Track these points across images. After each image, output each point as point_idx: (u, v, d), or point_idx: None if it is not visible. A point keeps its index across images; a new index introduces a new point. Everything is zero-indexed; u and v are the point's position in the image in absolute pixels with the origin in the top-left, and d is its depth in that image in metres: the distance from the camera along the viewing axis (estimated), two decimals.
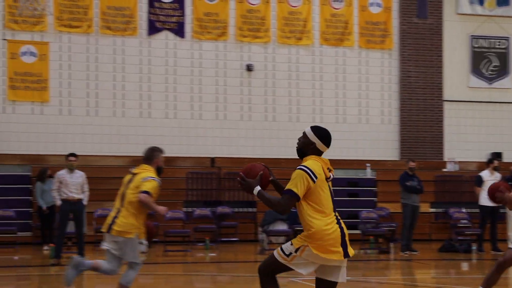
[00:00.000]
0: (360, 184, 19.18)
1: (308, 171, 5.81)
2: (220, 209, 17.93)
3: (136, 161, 18.11)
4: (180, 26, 18.90)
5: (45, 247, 15.76)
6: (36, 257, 14.97)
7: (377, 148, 19.91)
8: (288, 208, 5.90)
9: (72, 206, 13.44)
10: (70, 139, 17.87)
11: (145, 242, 8.02)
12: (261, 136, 19.27)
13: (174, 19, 18.87)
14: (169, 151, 18.56)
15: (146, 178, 7.95)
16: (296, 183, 5.79)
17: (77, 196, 13.47)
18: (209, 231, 17.19)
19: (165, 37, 18.85)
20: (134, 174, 8.04)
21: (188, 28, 18.98)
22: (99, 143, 18.17)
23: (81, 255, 13.31)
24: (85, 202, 13.65)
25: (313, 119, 19.45)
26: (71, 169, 13.51)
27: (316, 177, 5.79)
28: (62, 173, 13.54)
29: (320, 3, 19.75)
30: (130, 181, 8.00)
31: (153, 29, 18.72)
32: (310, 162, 5.91)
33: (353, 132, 19.78)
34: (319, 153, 6.01)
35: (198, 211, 17.63)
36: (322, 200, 5.81)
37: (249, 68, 19.22)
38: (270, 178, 6.23)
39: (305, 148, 6.05)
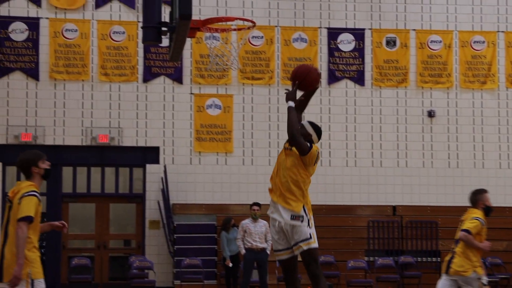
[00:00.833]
0: None
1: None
2: (403, 259, 17.56)
3: (316, 210, 18.18)
4: (360, 74, 18.95)
5: None
6: None
7: None
8: (299, 143, 6.73)
9: (256, 255, 13.67)
10: (253, 188, 18.25)
11: (485, 277, 8.58)
12: (444, 183, 18.75)
13: (354, 68, 18.95)
14: (350, 200, 18.54)
15: (476, 218, 8.68)
16: (313, 146, 6.84)
17: (261, 245, 13.70)
18: (392, 281, 16.86)
19: (345, 86, 18.95)
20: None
21: (368, 76, 18.99)
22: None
23: None
24: (268, 251, 13.84)
25: (499, 165, 18.74)
26: (255, 218, 13.78)
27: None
28: (246, 222, 13.84)
29: (506, 45, 19.13)
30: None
31: (332, 78, 18.89)
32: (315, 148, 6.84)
33: None
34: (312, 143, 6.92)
35: (380, 260, 17.36)
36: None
37: (431, 114, 18.86)
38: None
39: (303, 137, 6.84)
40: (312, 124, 7.09)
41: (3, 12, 17.97)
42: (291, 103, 6.76)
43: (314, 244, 6.87)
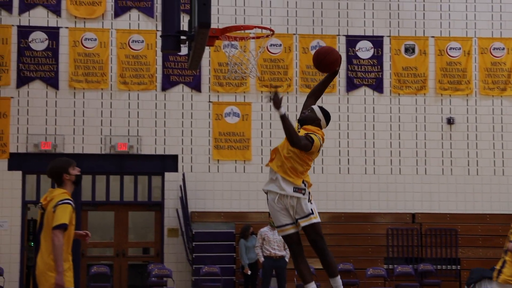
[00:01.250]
0: None
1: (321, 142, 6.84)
2: (422, 266, 17.48)
3: (335, 218, 18.18)
4: (378, 82, 18.92)
5: None
6: None
7: None
8: (302, 146, 6.68)
9: (275, 263, 13.67)
10: None
11: None
12: (464, 191, 18.66)
13: (372, 75, 18.93)
14: (368, 207, 18.50)
15: None
16: (315, 138, 6.71)
17: (279, 253, 13.69)
18: None
19: (364, 93, 18.93)
20: None
21: (386, 83, 18.96)
22: None
23: None
24: (287, 259, 13.82)
25: None
26: (273, 226, 13.76)
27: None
28: (265, 230, 13.84)
29: None
30: None
31: (351, 85, 18.88)
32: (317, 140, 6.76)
33: None
34: (320, 128, 6.96)
35: (399, 268, 17.29)
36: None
37: (450, 121, 18.80)
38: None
39: (310, 121, 7.01)
40: (322, 109, 7.13)
41: (24, 22, 18.13)
42: (282, 110, 6.64)
43: (318, 219, 6.98)
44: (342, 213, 18.21)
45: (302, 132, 6.96)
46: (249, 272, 15.99)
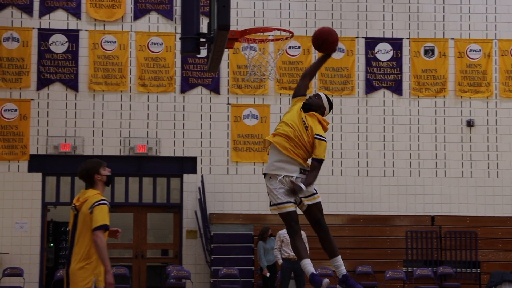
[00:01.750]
0: None
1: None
2: (442, 269, 17.40)
3: (354, 220, 18.16)
4: (397, 84, 18.86)
5: None
6: None
7: None
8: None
9: (294, 265, 13.64)
10: None
11: None
12: (484, 193, 18.55)
13: (391, 77, 18.88)
14: (387, 210, 18.44)
15: None
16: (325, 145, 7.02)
17: None
18: None
19: (383, 95, 18.88)
20: None
21: (405, 85, 18.89)
22: None
23: None
24: None
25: None
26: None
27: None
28: (284, 232, 13.82)
29: None
30: None
31: (370, 87, 18.83)
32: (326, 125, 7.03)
33: None
34: (323, 115, 7.14)
35: (418, 271, 17.22)
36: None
37: (470, 123, 18.71)
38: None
39: (316, 108, 7.11)
40: (329, 99, 7.33)
41: (44, 25, 18.24)
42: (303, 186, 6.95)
43: (320, 198, 7.20)
44: (361, 215, 18.17)
45: (311, 120, 7.08)
46: (268, 274, 15.98)
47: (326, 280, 6.78)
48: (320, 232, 7.18)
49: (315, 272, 6.79)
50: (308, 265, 6.84)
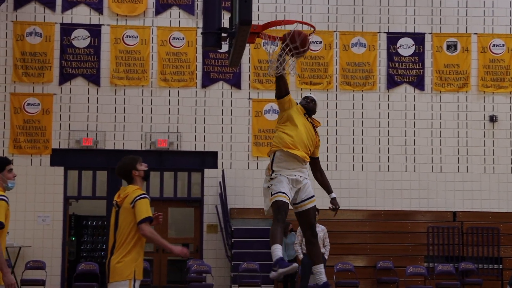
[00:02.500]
0: None
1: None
2: (464, 265, 17.31)
3: (375, 215, 18.11)
4: (419, 79, 18.77)
5: None
6: None
7: None
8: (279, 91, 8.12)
9: None
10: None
11: None
12: (506, 189, 18.43)
13: (413, 72, 18.78)
14: (409, 205, 18.37)
15: None
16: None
17: None
18: None
19: (404, 91, 18.79)
20: None
21: (428, 80, 18.79)
22: (338, 197, 18.22)
23: None
24: (326, 256, 13.79)
25: None
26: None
27: None
28: None
29: None
30: None
31: (392, 83, 18.75)
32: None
33: None
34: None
35: (440, 267, 17.14)
36: None
37: (493, 119, 18.58)
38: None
39: (314, 112, 7.99)
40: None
41: (66, 20, 18.33)
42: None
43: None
44: (382, 210, 18.12)
45: (306, 132, 7.84)
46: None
47: (294, 264, 7.13)
48: (312, 238, 7.62)
49: (282, 257, 7.11)
50: (277, 250, 7.21)
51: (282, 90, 7.99)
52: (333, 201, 8.21)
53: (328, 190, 8.19)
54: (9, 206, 6.24)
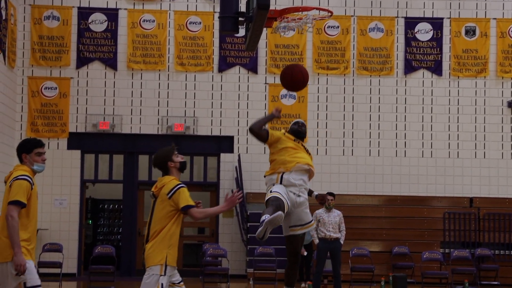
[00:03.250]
0: None
1: None
2: (480, 251, 17.27)
3: (391, 201, 18.09)
4: (437, 64, 18.67)
5: (303, 284, 16.15)
6: None
7: None
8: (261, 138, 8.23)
9: (330, 245, 13.62)
10: (327, 178, 18.22)
11: None
12: None
13: (431, 58, 18.68)
14: (425, 191, 18.33)
15: None
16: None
17: (334, 235, 13.62)
18: (468, 274, 16.59)
19: (422, 76, 18.70)
20: None
21: (445, 65, 18.69)
22: (354, 182, 18.33)
23: None
24: (342, 241, 13.80)
25: None
26: (328, 208, 13.73)
27: None
28: (320, 212, 13.80)
29: None
30: None
31: (409, 68, 18.66)
32: None
33: None
34: None
35: (456, 253, 17.11)
36: None
37: (511, 104, 18.46)
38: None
39: (304, 135, 8.39)
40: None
41: (84, 4, 18.36)
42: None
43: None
44: (398, 196, 18.09)
45: (302, 150, 8.22)
46: (305, 253, 16.03)
47: (279, 212, 7.45)
48: (294, 265, 8.28)
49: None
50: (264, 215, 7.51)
51: (263, 136, 8.22)
52: (318, 195, 8.73)
53: (311, 191, 8.56)
54: (32, 187, 6.25)
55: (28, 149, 6.38)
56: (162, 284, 6.48)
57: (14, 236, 6.06)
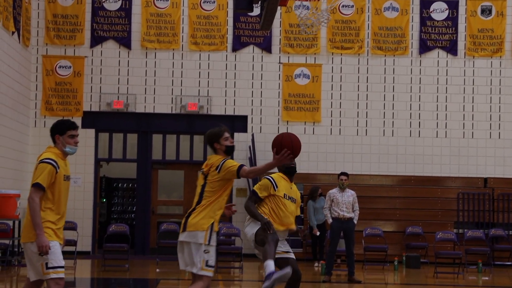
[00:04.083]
0: None
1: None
2: (494, 231, 17.23)
3: (404, 181, 18.06)
4: (452, 44, 18.55)
5: (316, 264, 16.19)
6: (307, 273, 15.37)
7: None
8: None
9: (343, 225, 13.62)
10: (341, 158, 18.20)
11: None
12: None
13: (446, 37, 18.56)
14: (439, 171, 18.28)
15: None
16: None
17: (348, 215, 13.62)
18: (482, 254, 16.56)
19: (437, 56, 18.59)
20: None
21: (461, 45, 18.57)
22: (368, 162, 18.31)
23: (351, 273, 13.50)
24: (355, 221, 13.79)
25: None
26: (342, 188, 13.71)
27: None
28: (334, 192, 13.79)
29: None
30: None
31: (424, 47, 18.55)
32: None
33: None
34: None
35: (470, 233, 17.06)
36: None
37: None
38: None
39: (295, 170, 8.56)
40: None
41: None
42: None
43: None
44: (412, 176, 18.05)
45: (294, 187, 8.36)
46: (318, 233, 16.04)
47: (288, 271, 7.47)
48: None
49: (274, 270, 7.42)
50: (270, 266, 7.52)
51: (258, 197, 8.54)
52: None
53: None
54: (57, 170, 6.21)
55: (62, 130, 6.35)
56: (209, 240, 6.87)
57: (35, 217, 6.10)
